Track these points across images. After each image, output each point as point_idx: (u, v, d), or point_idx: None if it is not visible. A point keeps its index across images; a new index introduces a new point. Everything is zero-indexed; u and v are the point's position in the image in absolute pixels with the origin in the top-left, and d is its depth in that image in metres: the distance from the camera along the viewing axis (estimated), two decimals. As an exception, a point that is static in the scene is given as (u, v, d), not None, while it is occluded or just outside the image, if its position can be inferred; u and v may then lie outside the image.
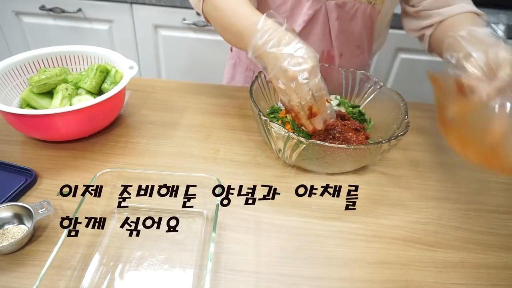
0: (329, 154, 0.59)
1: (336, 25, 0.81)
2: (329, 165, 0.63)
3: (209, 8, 0.69)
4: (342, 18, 0.81)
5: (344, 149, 0.58)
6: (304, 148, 0.59)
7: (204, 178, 0.55)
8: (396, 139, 0.59)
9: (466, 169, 0.72)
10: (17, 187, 0.58)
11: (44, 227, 0.53)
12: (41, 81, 0.68)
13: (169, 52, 1.57)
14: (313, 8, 0.78)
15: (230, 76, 1.04)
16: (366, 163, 0.68)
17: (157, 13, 1.44)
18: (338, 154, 0.59)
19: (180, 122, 0.78)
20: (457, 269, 0.53)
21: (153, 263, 0.50)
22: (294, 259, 0.52)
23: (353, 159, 0.61)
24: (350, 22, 0.82)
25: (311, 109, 0.60)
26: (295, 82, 0.57)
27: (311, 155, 0.61)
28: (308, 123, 0.63)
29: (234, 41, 0.66)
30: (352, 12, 0.80)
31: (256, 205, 0.60)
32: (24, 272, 0.48)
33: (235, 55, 1.01)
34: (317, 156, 0.60)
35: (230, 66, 1.04)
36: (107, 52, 0.78)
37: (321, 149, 0.58)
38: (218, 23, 0.68)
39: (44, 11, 1.46)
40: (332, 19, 0.80)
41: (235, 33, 0.63)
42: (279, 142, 0.61)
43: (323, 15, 0.80)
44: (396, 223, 0.59)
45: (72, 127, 0.66)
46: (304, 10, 0.79)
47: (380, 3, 0.80)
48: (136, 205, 0.57)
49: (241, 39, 0.62)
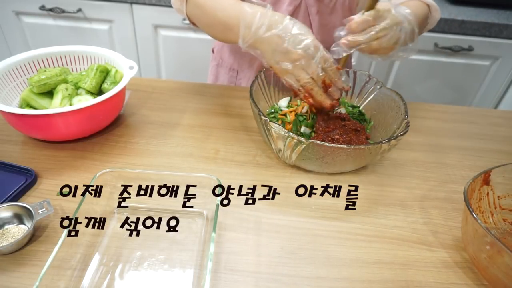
0: (329, 154, 0.59)
1: (316, 20, 0.80)
2: (329, 165, 0.63)
3: (192, 8, 0.68)
4: (322, 12, 0.80)
5: (344, 149, 0.58)
6: (304, 148, 0.59)
7: (204, 178, 0.55)
8: (396, 139, 0.59)
9: (466, 169, 0.72)
10: (17, 187, 0.58)
11: (44, 227, 0.53)
12: (41, 81, 0.68)
13: (169, 52, 1.57)
14: (292, 4, 0.78)
15: (214, 77, 1.04)
16: (366, 163, 0.68)
17: (157, 13, 1.44)
18: (338, 154, 0.59)
19: (180, 122, 0.78)
20: (457, 269, 0.53)
21: (153, 263, 0.50)
22: (294, 259, 0.52)
23: (353, 159, 0.61)
24: (330, 16, 0.81)
25: (325, 82, 0.59)
26: (303, 60, 0.56)
27: (310, 155, 0.61)
28: (325, 97, 0.61)
29: (221, 35, 0.65)
30: (331, 6, 0.80)
31: (256, 205, 0.60)
32: (24, 272, 0.48)
33: (217, 56, 1.01)
34: (317, 156, 0.60)
35: (213, 67, 1.03)
36: (107, 52, 0.78)
37: (321, 149, 0.58)
38: (203, 22, 0.68)
39: (44, 11, 1.46)
40: (313, 14, 0.79)
41: (221, 26, 0.62)
42: (279, 142, 0.61)
43: (303, 10, 0.79)
44: (396, 223, 0.59)
45: (72, 127, 0.66)
46: (284, 7, 0.79)
47: None
48: (136, 205, 0.57)
49: (229, 30, 0.61)
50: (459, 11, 1.43)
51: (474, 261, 0.52)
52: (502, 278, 0.46)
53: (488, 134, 0.83)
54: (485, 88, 1.56)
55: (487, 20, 1.37)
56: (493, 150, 0.78)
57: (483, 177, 0.57)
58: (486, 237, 0.46)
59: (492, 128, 0.86)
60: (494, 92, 1.57)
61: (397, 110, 0.69)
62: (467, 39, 1.42)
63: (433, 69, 1.51)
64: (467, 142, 0.80)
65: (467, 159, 0.75)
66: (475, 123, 0.87)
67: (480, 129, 0.85)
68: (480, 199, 0.58)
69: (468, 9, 1.45)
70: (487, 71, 1.51)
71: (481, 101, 1.60)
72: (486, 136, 0.83)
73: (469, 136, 0.82)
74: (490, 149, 0.78)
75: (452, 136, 0.82)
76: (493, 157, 0.76)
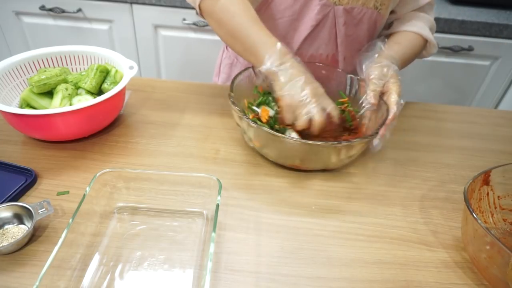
0: (276, 142, 0.61)
1: (342, 30, 0.81)
2: (285, 158, 0.65)
3: (212, 8, 0.69)
4: (349, 23, 0.81)
5: (278, 138, 0.59)
6: (258, 134, 0.62)
7: (204, 178, 0.55)
8: (350, 142, 0.60)
9: (466, 169, 0.72)
10: (17, 187, 0.58)
11: (44, 227, 0.53)
12: (41, 81, 0.68)
13: (169, 52, 1.57)
14: (322, 13, 0.78)
15: (226, 76, 1.04)
16: (334, 165, 0.67)
17: (157, 13, 1.44)
18: (280, 143, 0.60)
19: (180, 122, 0.78)
20: (457, 269, 0.53)
21: (153, 263, 0.50)
22: (294, 259, 0.52)
23: (300, 152, 0.62)
24: (356, 27, 0.82)
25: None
26: (308, 109, 0.61)
27: (264, 142, 0.63)
28: None
29: (241, 48, 0.69)
30: (359, 18, 0.80)
31: (256, 205, 0.60)
32: (24, 272, 0.48)
33: (232, 55, 1.01)
34: (270, 144, 0.62)
35: (226, 66, 1.03)
36: (107, 52, 0.78)
37: (268, 137, 0.61)
38: (225, 27, 0.69)
39: (44, 11, 1.46)
40: (339, 24, 0.80)
41: (248, 44, 0.66)
42: (242, 123, 0.64)
43: (330, 20, 0.80)
44: (396, 223, 0.59)
45: (72, 127, 0.66)
46: (313, 15, 0.79)
47: (385, 8, 0.81)
48: (136, 205, 0.57)
49: (255, 51, 0.65)
50: (459, 11, 1.43)
51: (474, 261, 0.52)
52: (502, 278, 0.46)
53: (488, 134, 0.83)
54: (485, 88, 1.56)
55: (487, 20, 1.37)
56: (493, 150, 0.78)
57: (483, 177, 0.57)
58: (486, 237, 0.46)
59: (492, 128, 0.86)
60: (494, 92, 1.57)
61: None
62: (467, 39, 1.42)
63: (433, 69, 1.51)
64: (467, 142, 0.80)
65: (467, 159, 0.75)
66: (475, 123, 0.87)
67: (480, 129, 0.85)
68: (480, 199, 0.58)
69: (468, 9, 1.45)
70: (487, 71, 1.51)
71: (481, 101, 1.60)
72: (486, 136, 0.83)
73: (469, 136, 0.82)
74: (490, 149, 0.78)
75: (452, 136, 0.82)
76: (493, 157, 0.76)
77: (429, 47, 0.85)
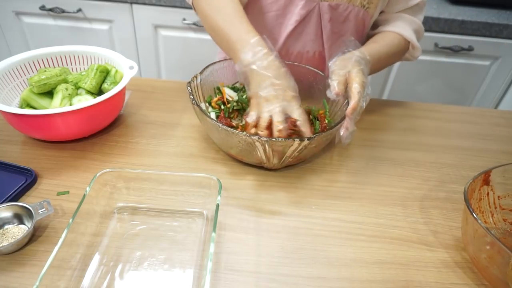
0: (229, 137, 0.60)
1: (328, 27, 0.81)
2: (221, 144, 0.66)
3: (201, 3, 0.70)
4: (335, 20, 0.80)
5: (234, 134, 0.58)
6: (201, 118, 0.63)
7: (204, 178, 0.55)
8: (303, 140, 0.57)
9: (466, 169, 0.72)
10: (17, 187, 0.58)
11: (44, 227, 0.53)
12: (41, 81, 0.68)
13: (169, 52, 1.57)
14: (306, 8, 0.78)
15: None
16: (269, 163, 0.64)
17: (157, 13, 1.44)
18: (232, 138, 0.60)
19: (180, 122, 0.78)
20: (457, 269, 0.53)
21: (153, 263, 0.50)
22: (294, 259, 0.52)
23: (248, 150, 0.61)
24: (342, 25, 0.81)
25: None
26: (269, 108, 0.59)
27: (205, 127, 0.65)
28: None
29: (225, 45, 0.68)
30: (345, 15, 0.80)
31: (256, 205, 0.60)
32: (24, 272, 0.48)
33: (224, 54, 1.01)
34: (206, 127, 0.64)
35: None
36: (107, 52, 0.78)
37: (203, 119, 0.62)
38: (209, 23, 0.70)
39: (44, 11, 1.46)
40: (325, 20, 0.80)
41: (230, 41, 0.65)
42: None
43: (316, 16, 0.79)
44: (396, 223, 0.59)
45: (72, 127, 0.66)
46: (297, 10, 0.78)
47: (373, 7, 0.80)
48: (136, 205, 0.57)
49: (233, 48, 0.64)
50: (459, 11, 1.43)
51: (474, 261, 0.52)
52: (502, 278, 0.46)
53: (488, 134, 0.83)
54: (485, 88, 1.56)
55: (487, 20, 1.37)
56: (493, 150, 0.78)
57: (483, 177, 0.57)
58: (486, 237, 0.46)
59: (492, 128, 0.86)
60: (494, 92, 1.57)
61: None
62: (467, 39, 1.42)
63: (433, 69, 1.51)
64: (467, 142, 0.80)
65: (467, 159, 0.75)
66: (475, 123, 0.87)
67: (480, 129, 0.85)
68: (480, 199, 0.58)
69: (468, 9, 1.45)
70: (487, 71, 1.51)
71: (481, 101, 1.60)
72: (486, 136, 0.83)
73: (469, 136, 0.82)
74: (490, 149, 0.78)
75: (452, 136, 0.82)
76: (493, 157, 0.76)
77: (413, 50, 0.83)
